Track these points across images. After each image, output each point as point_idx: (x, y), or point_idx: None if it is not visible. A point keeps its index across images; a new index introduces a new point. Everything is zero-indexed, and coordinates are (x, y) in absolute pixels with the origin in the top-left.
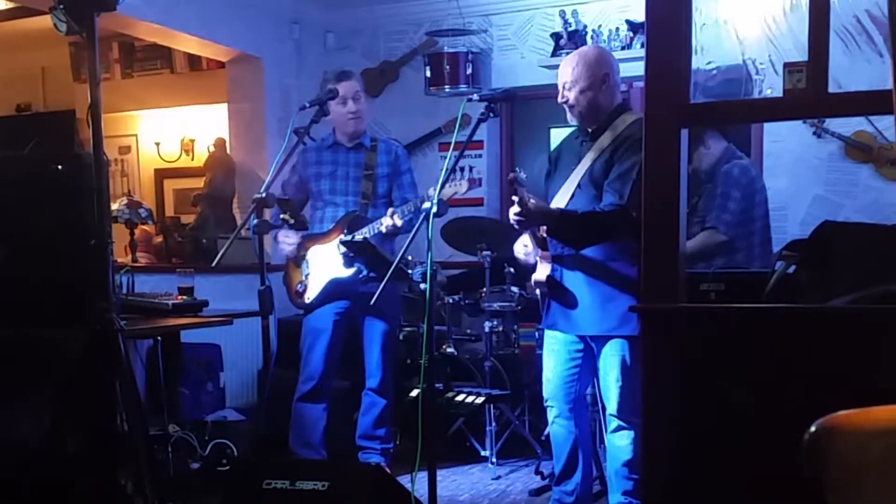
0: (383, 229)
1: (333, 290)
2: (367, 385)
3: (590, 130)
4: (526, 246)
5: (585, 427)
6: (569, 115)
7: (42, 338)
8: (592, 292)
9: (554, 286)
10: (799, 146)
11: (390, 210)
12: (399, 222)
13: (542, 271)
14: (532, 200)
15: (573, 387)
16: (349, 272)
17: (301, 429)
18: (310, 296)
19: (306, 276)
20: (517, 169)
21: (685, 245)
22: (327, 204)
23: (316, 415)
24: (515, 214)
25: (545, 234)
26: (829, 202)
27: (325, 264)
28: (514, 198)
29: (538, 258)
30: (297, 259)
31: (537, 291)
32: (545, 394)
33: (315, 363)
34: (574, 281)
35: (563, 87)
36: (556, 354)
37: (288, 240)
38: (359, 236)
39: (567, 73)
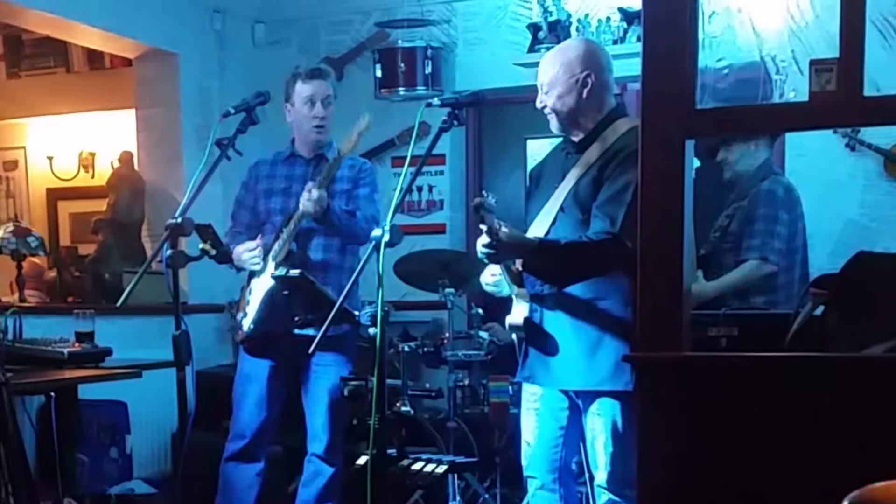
0: (302, 207)
1: (267, 317)
2: (310, 450)
3: (576, 141)
4: (494, 275)
5: (573, 501)
6: (550, 123)
7: None
8: (578, 338)
9: (532, 330)
10: (828, 161)
11: (309, 184)
12: (316, 194)
13: (519, 312)
14: (504, 229)
15: (558, 453)
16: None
17: (229, 496)
18: (245, 326)
19: (247, 305)
20: (484, 192)
21: (691, 281)
22: (277, 226)
23: (248, 479)
24: (484, 246)
25: (521, 269)
26: (864, 228)
27: (262, 289)
28: (482, 226)
29: (514, 296)
30: (246, 289)
31: (513, 336)
32: (524, 462)
33: (245, 418)
34: (556, 324)
35: (541, 90)
36: (537, 414)
37: (249, 254)
38: (294, 270)
39: (544, 74)
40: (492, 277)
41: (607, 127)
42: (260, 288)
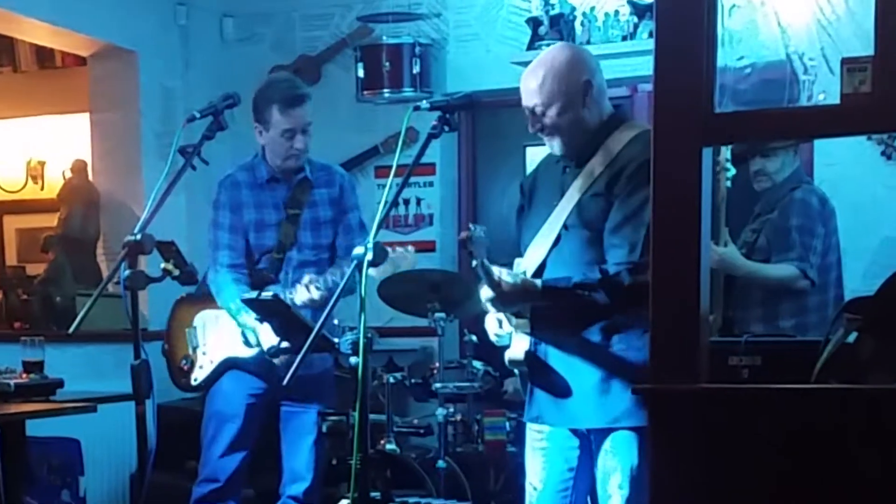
0: (297, 301)
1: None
2: (286, 492)
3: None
4: (501, 326)
5: None
6: (551, 146)
7: None
8: (588, 371)
9: (536, 366)
10: (862, 171)
11: (306, 278)
12: (317, 295)
13: (520, 346)
14: (506, 278)
15: (567, 497)
16: (251, 352)
17: None
18: (197, 377)
19: (194, 348)
20: (471, 226)
21: (707, 306)
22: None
23: None
24: (488, 300)
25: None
26: None
27: (222, 336)
28: (473, 262)
29: (514, 328)
30: (181, 322)
31: (515, 372)
32: None
33: (219, 461)
34: (563, 358)
35: (534, 112)
36: (544, 455)
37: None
38: (267, 293)
39: (534, 92)
40: (496, 327)
41: (609, 135)
42: (213, 335)
